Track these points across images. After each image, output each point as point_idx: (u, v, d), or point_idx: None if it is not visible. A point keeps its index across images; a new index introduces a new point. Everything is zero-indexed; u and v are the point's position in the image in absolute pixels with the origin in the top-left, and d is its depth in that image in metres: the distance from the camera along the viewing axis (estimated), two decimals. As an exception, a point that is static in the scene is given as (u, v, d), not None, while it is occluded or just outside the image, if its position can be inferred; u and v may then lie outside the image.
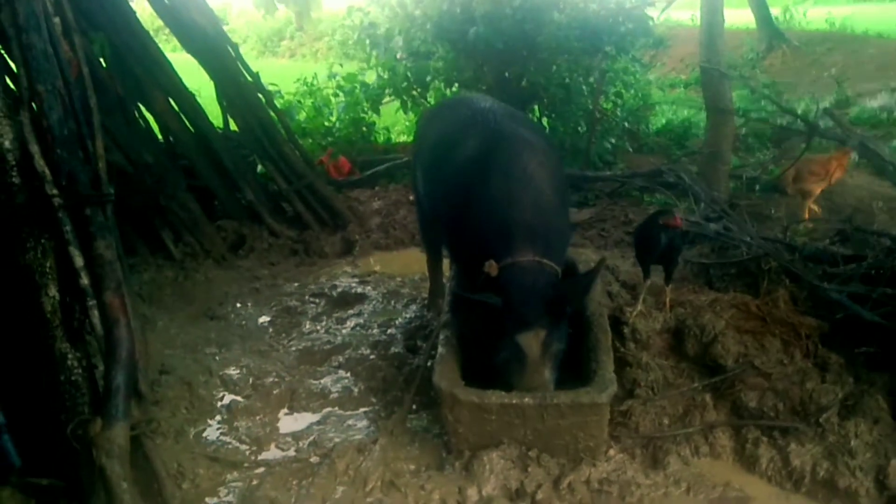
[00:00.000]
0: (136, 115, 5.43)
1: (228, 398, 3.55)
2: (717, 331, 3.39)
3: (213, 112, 5.85)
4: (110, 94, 5.10)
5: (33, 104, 2.49)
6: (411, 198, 6.45)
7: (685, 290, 4.00)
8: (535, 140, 3.41)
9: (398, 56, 7.49)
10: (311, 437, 3.24)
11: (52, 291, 2.48)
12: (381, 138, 8.54)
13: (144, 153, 5.26)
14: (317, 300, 4.59)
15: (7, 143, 2.42)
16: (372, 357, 3.83)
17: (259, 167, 6.04)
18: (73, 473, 2.48)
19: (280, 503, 2.81)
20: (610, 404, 2.88)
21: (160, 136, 5.71)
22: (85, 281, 2.45)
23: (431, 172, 3.68)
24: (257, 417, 3.40)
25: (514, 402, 2.84)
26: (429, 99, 8.22)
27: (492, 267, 3.04)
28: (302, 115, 7.88)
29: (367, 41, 7.52)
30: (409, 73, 7.61)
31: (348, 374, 3.71)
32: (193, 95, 5.59)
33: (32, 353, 2.53)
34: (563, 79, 7.31)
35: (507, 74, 7.32)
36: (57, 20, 2.59)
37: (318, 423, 3.36)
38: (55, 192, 2.43)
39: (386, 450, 3.04)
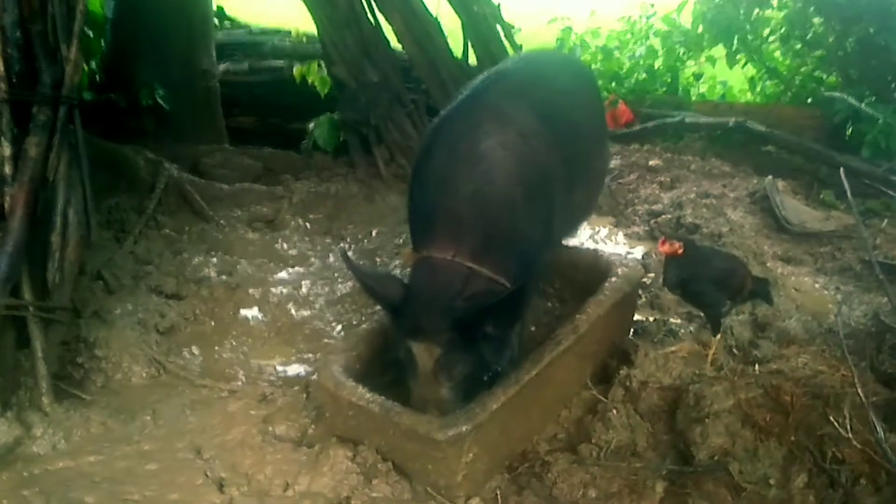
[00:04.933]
0: (376, 33, 5.55)
1: (249, 315, 3.64)
2: (711, 410, 2.50)
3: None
4: (342, 9, 5.33)
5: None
6: (651, 163, 5.75)
7: (794, 349, 3.01)
8: (523, 116, 2.74)
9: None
10: (268, 371, 3.22)
11: (-5, 175, 2.81)
12: (714, 93, 7.67)
13: (370, 71, 5.44)
14: (430, 245, 4.40)
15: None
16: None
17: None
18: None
19: (163, 417, 2.86)
20: (461, 445, 2.34)
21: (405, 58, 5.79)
22: (7, 170, 2.73)
23: None
24: (249, 340, 3.44)
25: (360, 404, 2.49)
26: (769, 53, 7.10)
27: (405, 257, 2.65)
28: (590, 57, 7.31)
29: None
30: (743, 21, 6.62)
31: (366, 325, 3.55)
32: (436, 20, 5.55)
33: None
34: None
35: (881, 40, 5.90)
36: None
37: (285, 361, 3.29)
38: (1, 86, 2.73)
39: (292, 407, 2.88)
